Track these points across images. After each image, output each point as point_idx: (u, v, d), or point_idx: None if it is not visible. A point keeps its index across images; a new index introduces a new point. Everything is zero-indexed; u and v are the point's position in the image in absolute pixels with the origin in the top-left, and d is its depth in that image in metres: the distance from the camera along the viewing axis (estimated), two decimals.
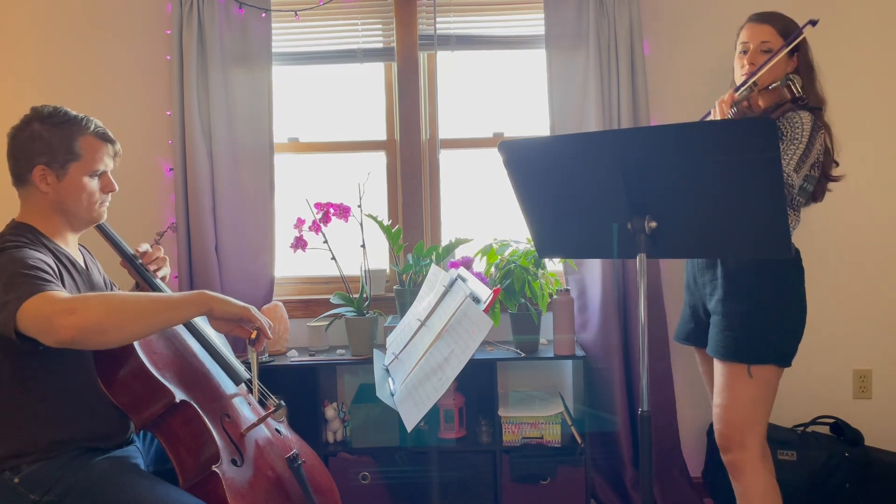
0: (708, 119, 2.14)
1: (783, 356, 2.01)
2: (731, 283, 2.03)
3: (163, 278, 1.93)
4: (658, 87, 2.83)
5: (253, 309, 1.65)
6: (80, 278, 1.74)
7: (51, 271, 1.58)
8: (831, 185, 2.11)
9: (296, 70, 3.03)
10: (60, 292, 1.51)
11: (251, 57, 2.82)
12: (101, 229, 1.85)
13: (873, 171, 2.84)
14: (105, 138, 1.76)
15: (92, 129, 1.73)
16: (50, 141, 1.67)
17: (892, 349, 2.89)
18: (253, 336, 1.67)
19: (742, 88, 2.06)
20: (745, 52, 2.11)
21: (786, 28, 2.08)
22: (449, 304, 1.84)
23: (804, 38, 2.10)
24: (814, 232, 2.78)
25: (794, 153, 1.96)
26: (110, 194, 1.79)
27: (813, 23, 1.98)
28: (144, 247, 1.91)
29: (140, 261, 1.87)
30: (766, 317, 1.99)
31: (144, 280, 1.86)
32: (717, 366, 2.06)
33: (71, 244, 1.78)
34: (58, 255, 1.70)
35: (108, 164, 1.77)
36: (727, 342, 2.02)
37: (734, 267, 2.04)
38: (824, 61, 2.16)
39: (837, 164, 2.11)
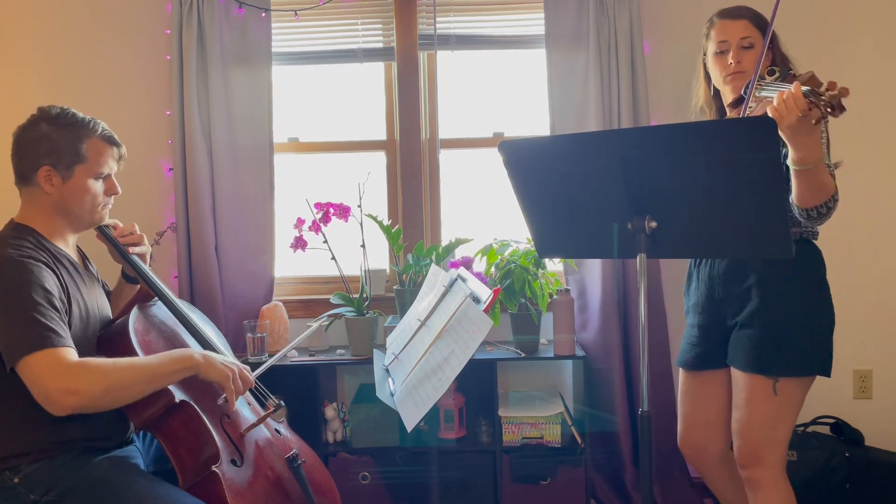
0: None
1: (826, 365, 1.87)
2: (768, 293, 1.88)
3: (142, 256, 1.91)
4: (658, 87, 2.83)
5: (234, 373, 1.68)
6: (79, 278, 1.74)
7: (59, 305, 1.60)
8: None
9: (296, 70, 3.02)
10: (67, 352, 1.53)
11: (251, 57, 2.81)
12: (115, 245, 1.86)
13: (873, 172, 2.84)
14: (111, 142, 1.76)
15: (99, 132, 1.74)
16: (57, 142, 1.68)
17: (892, 349, 2.89)
18: (219, 402, 1.72)
19: (764, 85, 1.85)
20: (723, 53, 1.97)
21: (758, 19, 1.97)
22: (449, 304, 1.84)
23: (774, 31, 1.97)
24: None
25: (825, 144, 1.83)
26: (113, 197, 1.80)
27: None
28: (113, 221, 1.90)
29: (150, 275, 1.87)
30: (802, 327, 1.86)
31: (159, 295, 1.86)
32: (741, 378, 1.91)
33: (70, 244, 1.78)
34: (59, 258, 1.70)
35: (112, 167, 1.78)
36: (759, 355, 1.86)
37: (766, 273, 1.89)
38: (824, 61, 2.16)
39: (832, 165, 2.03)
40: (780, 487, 1.90)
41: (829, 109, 1.51)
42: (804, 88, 1.55)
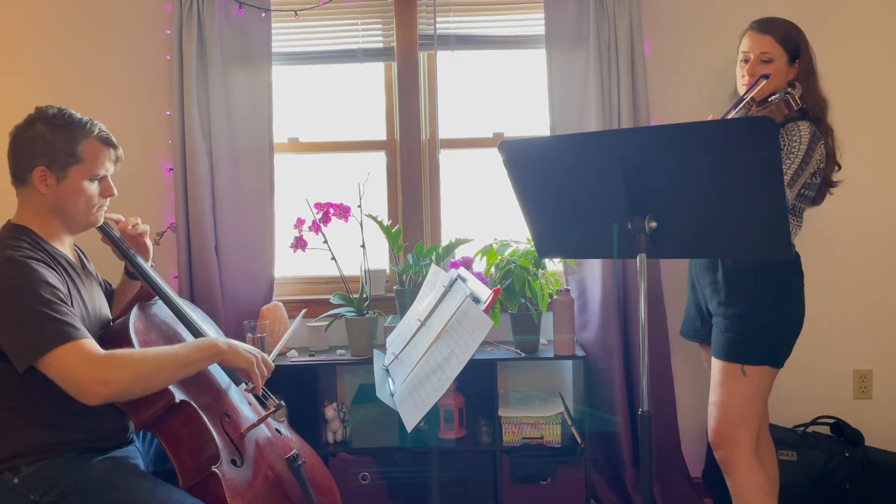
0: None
1: (777, 358, 2.06)
2: (732, 287, 2.06)
3: (144, 249, 1.92)
4: (658, 87, 2.83)
5: (257, 360, 1.78)
6: (79, 278, 1.74)
7: (67, 300, 1.60)
8: (832, 189, 2.12)
9: (296, 70, 3.02)
10: (91, 343, 1.55)
11: (251, 57, 2.81)
12: (116, 245, 1.87)
13: (874, 172, 2.84)
14: (108, 143, 1.75)
15: (95, 133, 1.73)
16: (52, 142, 1.67)
17: (892, 349, 2.89)
18: (248, 390, 1.82)
19: (739, 107, 2.05)
20: (745, 62, 2.11)
21: (786, 36, 2.08)
22: (449, 304, 1.84)
23: (806, 42, 2.09)
24: (814, 232, 2.77)
25: (789, 167, 1.98)
26: (108, 199, 1.79)
27: (766, 77, 2.06)
28: (117, 215, 1.90)
29: (152, 273, 1.87)
30: (763, 320, 2.03)
31: (160, 295, 1.86)
32: (714, 364, 2.11)
33: (67, 246, 1.78)
34: (56, 259, 1.69)
35: (108, 168, 1.76)
36: (725, 343, 2.06)
37: (734, 270, 2.06)
38: (824, 61, 2.16)
39: (840, 168, 2.11)
40: (753, 467, 2.05)
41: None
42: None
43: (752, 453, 2.05)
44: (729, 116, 2.03)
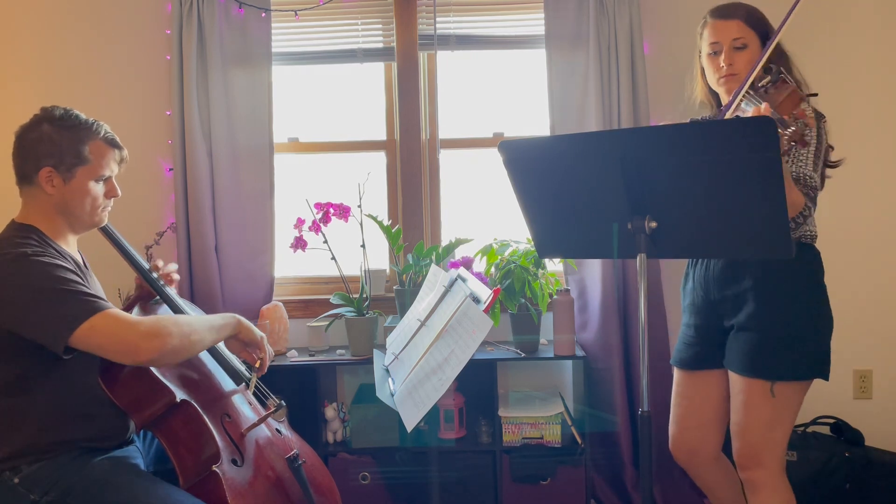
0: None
1: (823, 368, 1.87)
2: (763, 296, 1.87)
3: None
4: (658, 87, 2.83)
5: (265, 339, 1.89)
6: (84, 280, 1.74)
7: (82, 280, 1.63)
8: (832, 173, 1.99)
9: (296, 70, 3.02)
10: (119, 311, 1.60)
11: (251, 57, 2.81)
12: (119, 247, 1.88)
13: (873, 171, 2.84)
14: (113, 144, 1.77)
15: (101, 134, 1.74)
16: (59, 143, 1.68)
17: (892, 349, 2.89)
18: (257, 365, 1.88)
19: (735, 104, 1.83)
20: (715, 53, 1.94)
21: (752, 17, 1.92)
22: (449, 304, 1.84)
23: (771, 30, 1.93)
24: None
25: (808, 154, 1.84)
26: (112, 199, 1.80)
27: None
28: (171, 266, 1.98)
29: (156, 274, 1.89)
30: (800, 329, 1.86)
31: (161, 294, 1.88)
32: (738, 382, 1.90)
33: (72, 245, 1.79)
34: (63, 257, 1.70)
35: (113, 169, 1.78)
36: (756, 358, 1.86)
37: (765, 274, 1.88)
38: (819, 57, 2.14)
39: (833, 148, 1.98)
40: (779, 489, 1.90)
41: (792, 143, 1.55)
42: (773, 116, 1.57)
43: (780, 474, 1.90)
44: (729, 112, 1.94)
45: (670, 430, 2.13)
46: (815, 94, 1.85)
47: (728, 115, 1.82)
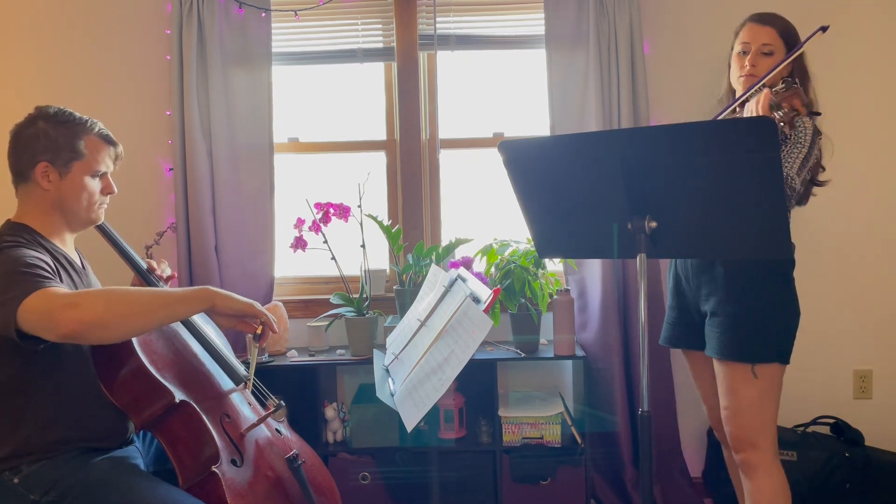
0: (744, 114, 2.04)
1: (784, 353, 1.99)
2: (733, 284, 2.00)
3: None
4: (658, 87, 2.83)
5: (257, 304, 1.73)
6: (78, 278, 1.75)
7: (49, 269, 1.59)
8: (819, 190, 2.09)
9: (296, 70, 3.03)
10: (60, 288, 1.52)
11: (251, 57, 2.81)
12: (116, 245, 1.86)
13: (873, 171, 2.84)
14: (108, 140, 1.78)
15: (96, 130, 1.75)
16: (55, 139, 1.69)
17: (892, 349, 2.89)
18: (258, 331, 1.74)
19: (736, 104, 2.00)
20: (744, 53, 2.06)
21: (786, 31, 2.05)
22: (449, 304, 1.84)
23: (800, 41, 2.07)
24: (813, 232, 2.78)
25: (798, 156, 1.94)
26: (108, 196, 1.81)
27: (823, 29, 1.89)
28: (166, 269, 1.95)
29: (154, 275, 1.88)
30: (767, 315, 1.97)
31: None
32: (719, 367, 2.03)
33: (68, 244, 1.78)
34: (55, 255, 1.70)
35: (109, 165, 1.79)
36: (731, 342, 1.98)
37: (733, 264, 2.00)
38: (820, 61, 2.15)
39: (824, 170, 2.08)
40: (773, 472, 1.99)
41: (782, 124, 1.77)
42: (771, 100, 1.79)
43: (773, 456, 1.99)
44: (737, 104, 2.00)
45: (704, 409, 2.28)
46: (819, 114, 1.98)
47: (735, 107, 1.99)
